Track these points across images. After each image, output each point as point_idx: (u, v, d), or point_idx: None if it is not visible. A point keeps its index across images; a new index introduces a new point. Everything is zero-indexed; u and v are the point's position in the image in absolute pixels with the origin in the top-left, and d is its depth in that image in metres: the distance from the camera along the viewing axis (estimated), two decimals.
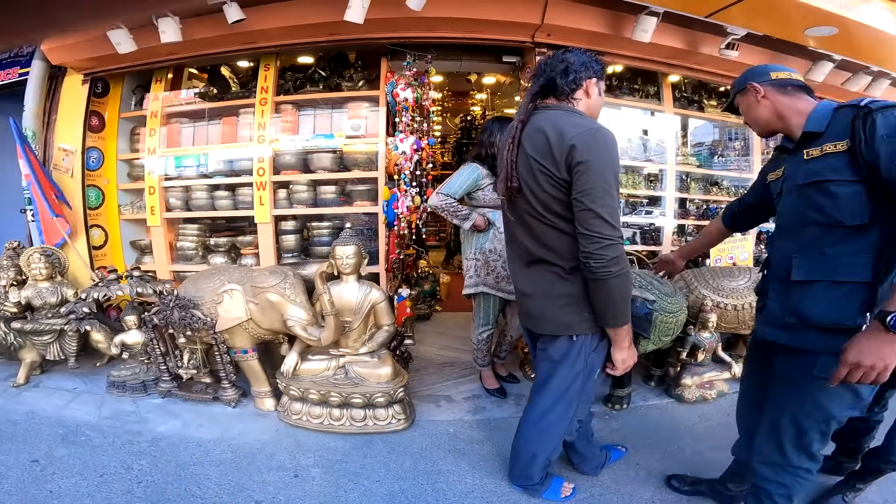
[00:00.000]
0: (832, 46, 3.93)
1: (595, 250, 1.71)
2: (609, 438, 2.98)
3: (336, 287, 3.03)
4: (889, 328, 1.36)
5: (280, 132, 4.26)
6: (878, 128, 1.47)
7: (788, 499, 1.84)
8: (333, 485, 2.49)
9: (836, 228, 1.59)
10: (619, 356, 1.98)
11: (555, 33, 3.95)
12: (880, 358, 1.39)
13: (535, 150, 1.81)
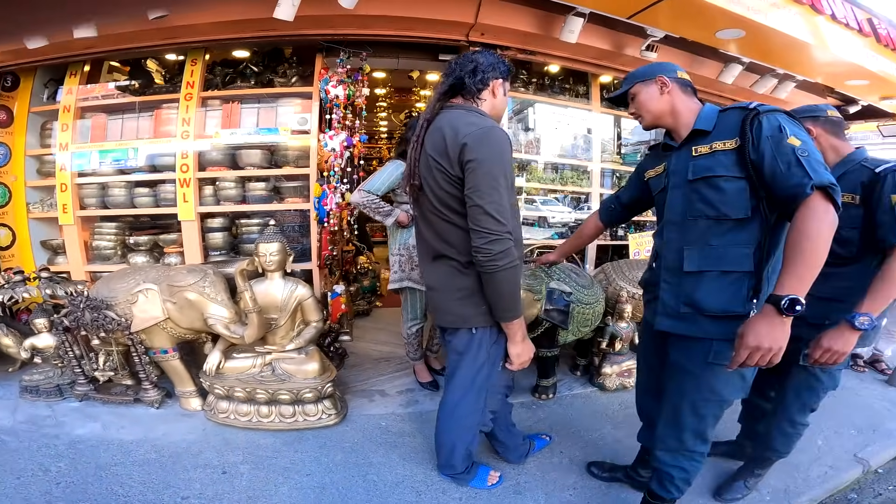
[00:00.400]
0: (741, 49, 4.15)
1: (482, 245, 1.77)
2: (536, 428, 3.07)
3: (261, 284, 3.00)
4: (781, 311, 1.46)
5: (206, 128, 4.13)
6: (764, 129, 1.58)
7: (687, 482, 2.01)
8: (263, 480, 2.48)
9: (723, 221, 1.70)
10: (514, 350, 2.05)
11: (488, 32, 4.01)
12: (775, 340, 1.49)
13: (434, 148, 1.87)
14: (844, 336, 1.87)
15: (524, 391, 3.56)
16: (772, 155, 1.56)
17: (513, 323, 1.96)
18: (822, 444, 3.01)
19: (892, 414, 3.47)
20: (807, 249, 1.48)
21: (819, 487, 2.62)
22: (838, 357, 1.89)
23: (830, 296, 2.08)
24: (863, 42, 4.27)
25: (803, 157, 1.51)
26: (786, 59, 4.28)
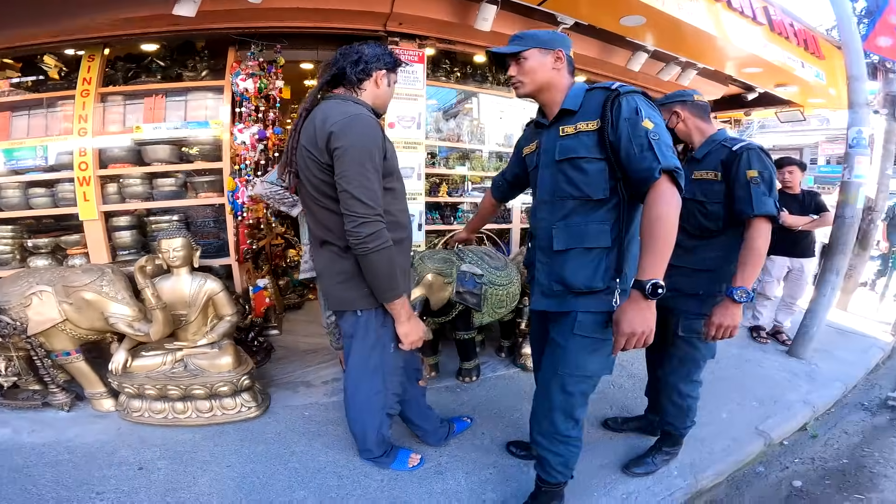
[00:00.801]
0: (645, 37, 4.32)
1: (352, 228, 1.80)
2: (459, 410, 3.15)
3: (167, 281, 2.94)
4: (646, 296, 1.53)
5: (109, 124, 3.95)
6: (622, 111, 1.63)
7: (566, 466, 2.05)
8: (181, 473, 2.46)
9: (586, 202, 1.75)
10: (401, 330, 2.07)
11: (406, 22, 4.01)
12: (645, 323, 1.56)
13: (307, 138, 1.90)
14: (730, 310, 2.07)
15: (449, 375, 3.62)
16: (628, 137, 1.60)
17: (394, 303, 1.99)
18: (727, 416, 3.19)
19: (791, 384, 3.71)
20: (660, 233, 1.55)
21: (722, 461, 2.74)
22: (731, 330, 2.08)
23: (701, 267, 2.27)
24: (757, 30, 4.53)
25: (654, 140, 1.57)
26: (686, 46, 4.50)
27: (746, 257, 2.08)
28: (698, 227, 2.29)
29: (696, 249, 2.30)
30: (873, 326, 5.41)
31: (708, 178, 2.24)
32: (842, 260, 4.11)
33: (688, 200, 2.25)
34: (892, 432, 3.32)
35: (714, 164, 2.23)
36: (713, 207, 2.23)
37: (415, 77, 4.19)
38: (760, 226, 2.07)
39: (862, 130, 3.94)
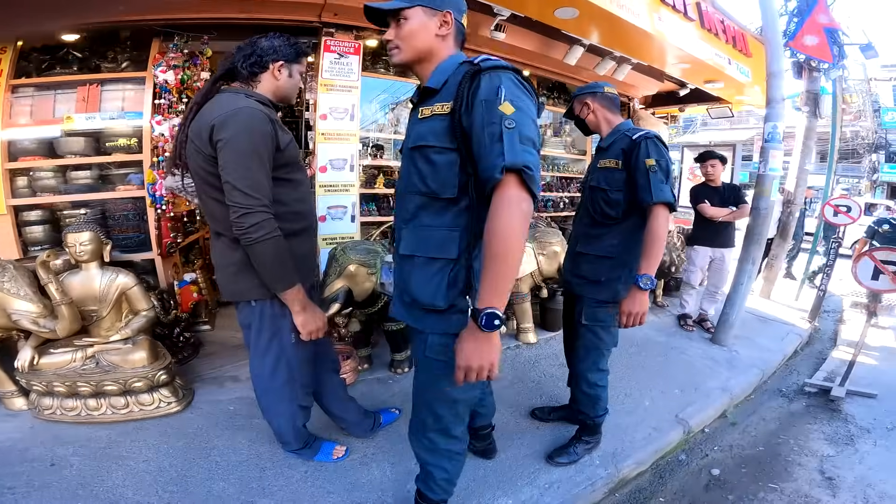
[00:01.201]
0: (580, 30, 4.35)
1: (235, 219, 1.78)
2: (390, 402, 3.15)
3: (76, 276, 2.84)
4: (481, 327, 1.28)
5: (18, 116, 3.71)
6: (480, 91, 1.33)
7: (450, 482, 1.93)
8: (95, 469, 2.41)
9: (433, 200, 1.48)
10: (297, 320, 2.03)
11: (341, 13, 3.92)
12: (483, 356, 1.32)
13: (193, 131, 1.88)
14: (637, 298, 2.16)
15: (383, 366, 3.61)
16: (481, 123, 1.31)
17: (286, 293, 1.95)
18: (649, 405, 3.29)
19: (712, 372, 3.86)
20: (497, 251, 1.27)
21: (643, 450, 2.82)
22: (640, 317, 2.18)
23: (604, 254, 2.34)
24: (689, 26, 4.65)
25: (508, 129, 1.27)
26: (619, 40, 4.57)
27: (649, 245, 2.15)
28: (602, 214, 2.36)
29: (600, 237, 2.39)
30: (792, 314, 5.70)
31: (610, 167, 2.31)
32: (757, 250, 4.31)
33: (594, 189, 2.40)
34: (807, 419, 3.49)
35: (616, 152, 2.30)
36: (615, 195, 2.30)
37: (349, 69, 4.11)
38: (660, 213, 2.13)
39: (777, 126, 4.12)
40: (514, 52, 4.96)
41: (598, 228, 2.40)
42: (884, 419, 3.45)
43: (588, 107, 2.45)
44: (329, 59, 3.98)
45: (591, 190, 2.43)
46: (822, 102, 6.04)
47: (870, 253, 3.84)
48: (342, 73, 4.07)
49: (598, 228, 2.40)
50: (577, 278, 2.47)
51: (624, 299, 2.21)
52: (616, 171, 2.29)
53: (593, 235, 2.41)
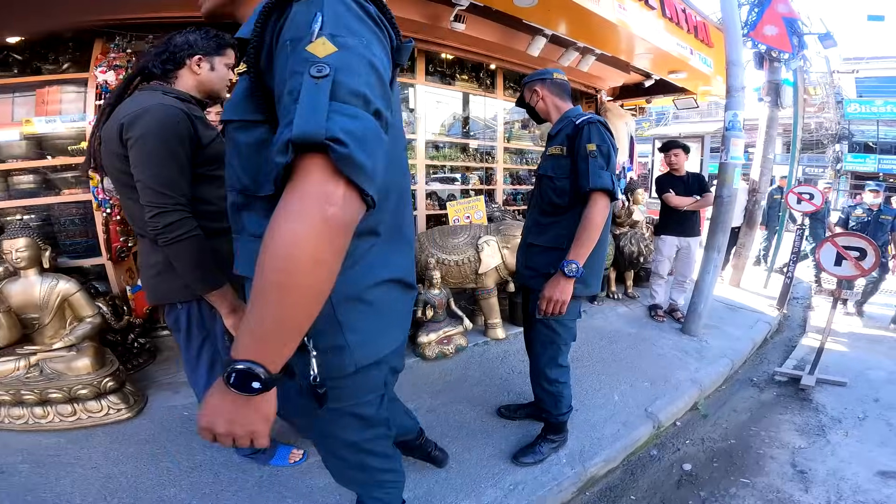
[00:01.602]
0: (541, 20, 4.29)
1: (149, 218, 1.72)
2: None
3: (15, 283, 2.74)
4: (229, 385, 0.84)
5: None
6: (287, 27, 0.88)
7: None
8: (43, 476, 2.35)
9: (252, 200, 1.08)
10: (227, 322, 1.92)
11: None
12: (237, 424, 0.89)
13: (106, 132, 1.82)
14: (560, 284, 2.09)
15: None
16: (281, 75, 0.87)
17: (212, 295, 1.85)
18: (619, 399, 3.23)
19: (682, 363, 3.83)
20: (273, 280, 0.80)
21: (611, 447, 2.74)
22: (561, 305, 2.09)
23: (553, 245, 2.26)
24: (649, 14, 4.62)
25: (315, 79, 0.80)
26: (580, 30, 4.52)
27: (580, 231, 2.09)
28: (550, 204, 2.30)
29: (549, 227, 2.31)
30: (761, 302, 5.73)
31: (556, 154, 2.26)
32: (722, 238, 4.30)
33: (542, 178, 2.35)
34: (778, 409, 3.48)
35: (562, 139, 2.24)
36: (561, 183, 2.24)
37: None
38: (598, 200, 2.07)
39: (737, 114, 4.12)
40: (477, 45, 4.90)
41: (546, 218, 2.33)
42: (854, 408, 3.45)
43: (537, 94, 2.39)
44: None
45: (540, 179, 2.39)
46: (784, 92, 6.09)
47: (832, 239, 3.84)
48: None
49: (546, 218, 2.33)
50: (529, 270, 2.39)
51: (547, 284, 2.14)
52: (562, 158, 2.22)
53: (542, 225, 2.34)
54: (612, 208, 2.20)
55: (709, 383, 3.59)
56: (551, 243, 2.27)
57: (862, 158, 20.63)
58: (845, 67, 20.71)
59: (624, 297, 5.38)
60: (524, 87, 2.48)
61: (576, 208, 2.19)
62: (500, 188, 6.01)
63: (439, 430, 2.76)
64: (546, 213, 2.33)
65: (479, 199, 4.80)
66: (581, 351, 3.93)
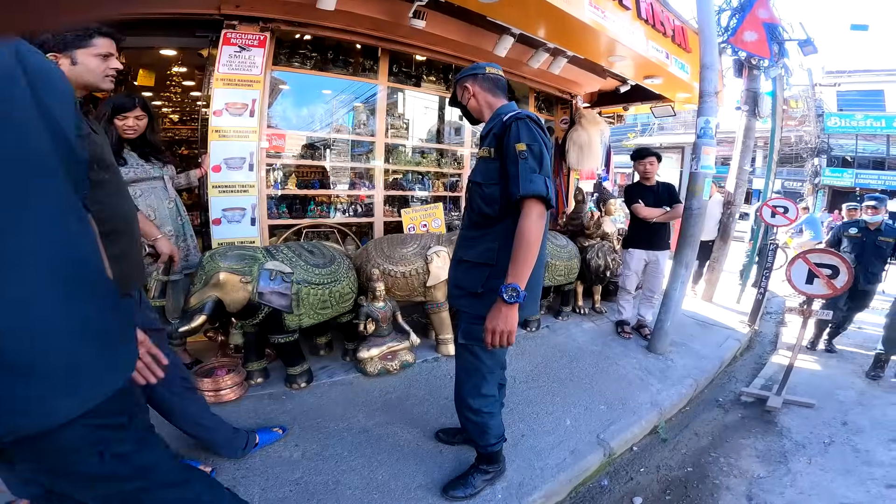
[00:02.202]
0: (507, 18, 4.05)
1: None
2: (278, 420, 2.83)
3: None
4: None
5: None
6: None
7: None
8: None
9: None
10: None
11: (244, 4, 3.66)
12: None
13: None
14: (502, 313, 1.81)
15: (281, 380, 3.25)
16: None
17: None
18: (571, 424, 3.00)
19: (644, 383, 3.60)
20: None
21: (554, 479, 2.50)
22: (508, 335, 1.82)
23: (481, 260, 2.02)
24: (624, 15, 4.40)
25: None
26: (548, 29, 4.28)
27: (516, 249, 1.82)
28: (479, 214, 2.03)
29: (478, 240, 2.05)
30: (733, 318, 5.56)
31: (485, 157, 2.01)
32: (690, 253, 4.08)
33: (472, 184, 2.08)
34: (741, 432, 3.29)
35: (490, 139, 1.98)
36: (489, 190, 1.97)
37: (251, 63, 3.76)
38: (530, 209, 1.82)
39: (710, 120, 3.91)
40: (441, 44, 4.67)
41: (475, 230, 2.07)
42: (821, 431, 3.28)
43: (468, 91, 2.14)
44: (228, 53, 3.66)
45: (470, 186, 2.13)
46: (762, 102, 5.92)
47: (804, 255, 3.65)
48: (242, 68, 3.73)
49: (475, 230, 2.07)
50: (457, 289, 2.14)
51: (489, 314, 1.85)
52: (490, 160, 1.97)
53: (472, 239, 2.08)
54: (584, 219, 2.04)
55: (669, 406, 3.38)
56: (481, 258, 2.02)
57: (839, 173, 20.58)
58: (827, 80, 20.78)
59: (591, 311, 5.15)
60: (456, 85, 2.22)
61: (507, 219, 1.94)
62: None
63: (369, 453, 2.55)
64: (475, 225, 2.08)
65: (438, 207, 4.55)
66: (538, 369, 3.71)
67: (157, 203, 3.03)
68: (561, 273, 4.45)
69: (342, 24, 4.15)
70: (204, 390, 2.83)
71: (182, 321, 2.63)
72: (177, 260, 2.61)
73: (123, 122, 2.81)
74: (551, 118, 6.74)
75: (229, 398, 2.92)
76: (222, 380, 2.92)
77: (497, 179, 1.94)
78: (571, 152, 6.20)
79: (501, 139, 1.91)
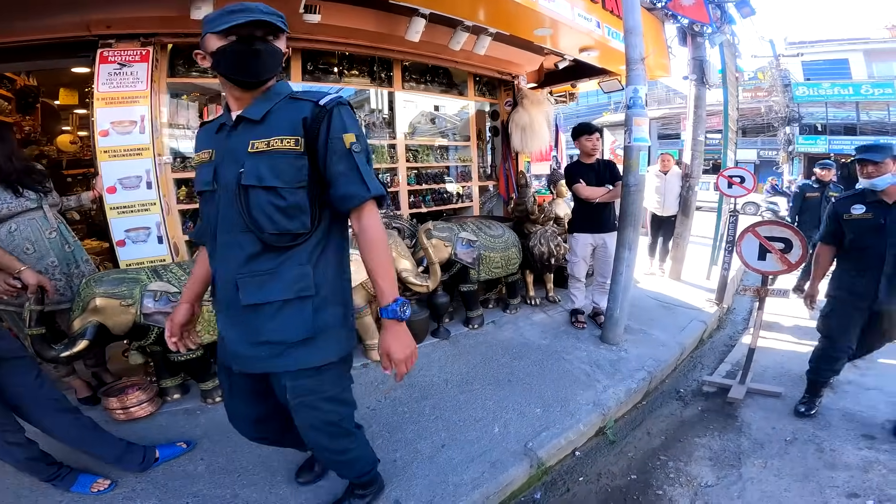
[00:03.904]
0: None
1: None
2: (189, 434, 2.77)
3: None
4: None
5: None
6: None
7: None
8: None
9: None
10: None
11: (115, 24, 3.52)
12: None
13: None
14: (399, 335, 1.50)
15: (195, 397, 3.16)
16: None
17: None
18: (499, 431, 2.69)
19: (589, 380, 3.29)
20: None
21: (467, 497, 2.20)
22: (409, 359, 1.51)
23: (296, 294, 1.54)
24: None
25: None
26: (458, 5, 3.94)
27: (375, 260, 1.51)
28: (278, 233, 1.50)
29: (278, 270, 1.53)
30: (700, 296, 5.25)
31: (281, 150, 1.47)
32: (632, 233, 3.73)
33: (248, 190, 1.48)
34: (698, 430, 2.99)
35: (289, 125, 1.49)
36: (294, 197, 1.49)
37: (135, 78, 3.53)
38: (372, 211, 1.53)
39: (638, 89, 3.57)
40: (351, 35, 4.35)
41: (269, 258, 1.52)
42: (784, 427, 2.95)
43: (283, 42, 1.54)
44: (107, 71, 3.46)
45: (241, 193, 1.50)
46: (710, 70, 5.64)
47: (753, 229, 3.30)
48: (125, 84, 3.51)
49: (269, 258, 1.52)
50: (262, 347, 1.57)
51: (381, 338, 1.52)
52: (293, 154, 1.48)
53: (265, 273, 1.52)
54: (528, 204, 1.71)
55: (614, 405, 3.05)
56: (292, 293, 1.53)
57: (813, 140, 21.05)
58: (790, 51, 21.09)
59: (544, 301, 4.83)
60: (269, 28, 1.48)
61: (318, 231, 1.57)
62: (404, 189, 5.42)
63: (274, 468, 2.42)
64: (268, 250, 1.52)
65: None
66: (475, 371, 3.40)
67: (36, 235, 2.88)
68: (498, 265, 4.18)
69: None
70: (111, 409, 2.88)
71: (66, 346, 2.66)
72: (49, 289, 2.58)
73: None
74: (495, 101, 6.39)
75: (140, 415, 2.92)
76: (128, 398, 2.91)
77: (306, 181, 1.50)
78: (514, 135, 5.89)
79: (315, 128, 1.48)
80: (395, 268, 3.22)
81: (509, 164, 6.24)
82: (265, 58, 1.45)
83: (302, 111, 1.49)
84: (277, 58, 1.49)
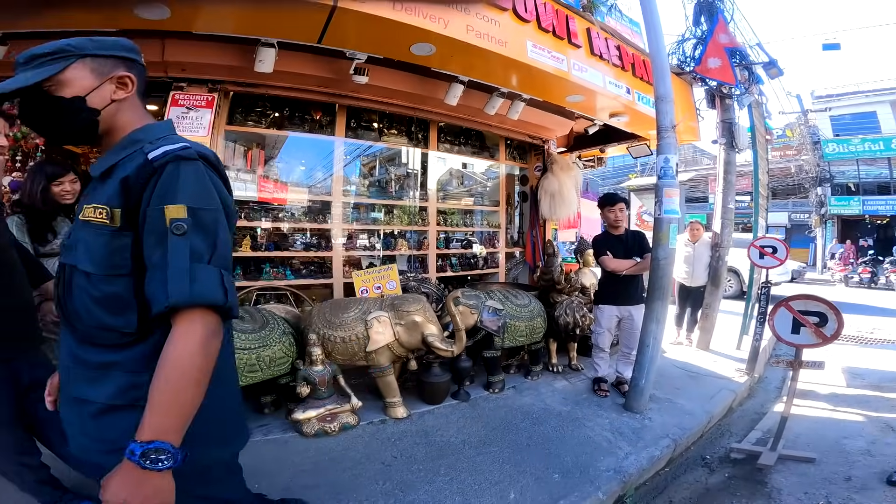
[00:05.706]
0: (448, 65, 3.95)
1: None
2: None
3: None
4: None
5: None
6: None
7: None
8: None
9: None
10: None
11: (190, 68, 3.81)
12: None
13: None
14: (129, 480, 1.02)
15: None
16: None
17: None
18: (515, 497, 2.64)
19: (611, 447, 3.23)
20: None
21: None
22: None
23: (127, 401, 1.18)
24: (577, 53, 4.23)
25: None
26: (493, 73, 4.14)
27: (162, 384, 1.05)
28: (101, 326, 1.18)
29: (109, 371, 1.19)
30: (730, 366, 5.15)
31: (94, 222, 1.15)
32: (661, 307, 3.70)
33: (71, 271, 1.22)
34: (724, 496, 2.90)
35: (115, 190, 1.15)
36: (111, 287, 1.16)
37: (198, 123, 3.82)
38: (193, 326, 1.09)
39: (669, 159, 3.61)
40: (393, 96, 4.60)
41: (98, 352, 1.20)
42: (817, 492, 2.84)
43: (80, 72, 1.20)
44: (175, 114, 3.74)
45: (61, 272, 1.25)
46: (739, 133, 5.66)
47: (786, 303, 3.30)
48: (189, 129, 3.76)
49: (98, 352, 1.20)
50: (98, 443, 1.21)
51: (104, 482, 1.05)
52: (108, 230, 1.14)
53: (97, 367, 1.20)
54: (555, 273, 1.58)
55: (636, 472, 2.98)
56: (121, 399, 1.18)
57: (846, 201, 20.05)
58: (818, 106, 20.55)
59: (566, 369, 4.79)
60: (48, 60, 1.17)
61: (156, 333, 1.15)
62: (433, 253, 5.53)
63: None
64: (92, 344, 1.20)
65: (392, 269, 4.35)
66: (494, 434, 3.36)
67: None
68: (522, 334, 4.21)
69: (288, 84, 4.19)
70: None
71: None
72: None
73: (60, 187, 2.83)
74: (525, 165, 6.55)
75: None
76: None
77: (128, 268, 1.15)
78: (543, 201, 5.97)
79: (138, 192, 1.13)
80: (422, 332, 3.37)
81: (537, 231, 6.30)
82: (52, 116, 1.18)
83: (126, 168, 1.15)
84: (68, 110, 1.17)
